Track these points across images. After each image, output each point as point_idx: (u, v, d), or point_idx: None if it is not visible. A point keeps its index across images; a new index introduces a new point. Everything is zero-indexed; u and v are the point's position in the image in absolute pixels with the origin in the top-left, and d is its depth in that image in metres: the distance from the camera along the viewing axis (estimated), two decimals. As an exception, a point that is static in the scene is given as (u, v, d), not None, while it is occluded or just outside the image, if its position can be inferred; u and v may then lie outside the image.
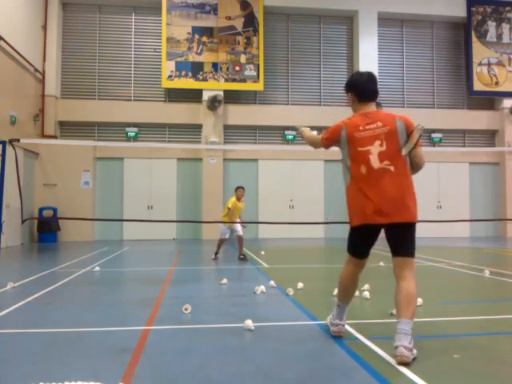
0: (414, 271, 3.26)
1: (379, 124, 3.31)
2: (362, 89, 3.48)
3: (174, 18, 16.55)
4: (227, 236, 9.33)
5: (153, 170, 16.57)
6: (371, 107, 3.47)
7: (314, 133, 3.82)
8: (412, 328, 3.06)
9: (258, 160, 17.02)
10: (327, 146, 3.60)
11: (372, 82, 3.51)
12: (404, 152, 3.26)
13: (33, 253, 11.96)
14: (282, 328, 4.00)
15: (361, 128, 3.33)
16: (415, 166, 3.37)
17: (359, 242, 3.44)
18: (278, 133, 17.34)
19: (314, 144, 3.72)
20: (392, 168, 3.22)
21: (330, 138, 3.51)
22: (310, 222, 14.85)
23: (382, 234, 3.38)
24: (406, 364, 2.93)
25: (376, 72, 17.43)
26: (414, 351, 3.03)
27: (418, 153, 3.31)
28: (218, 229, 9.84)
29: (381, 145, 3.25)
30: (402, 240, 3.27)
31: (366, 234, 3.37)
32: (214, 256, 9.42)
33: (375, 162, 3.24)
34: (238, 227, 9.29)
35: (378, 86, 3.58)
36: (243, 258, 9.15)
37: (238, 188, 9.40)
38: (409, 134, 3.28)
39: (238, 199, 9.28)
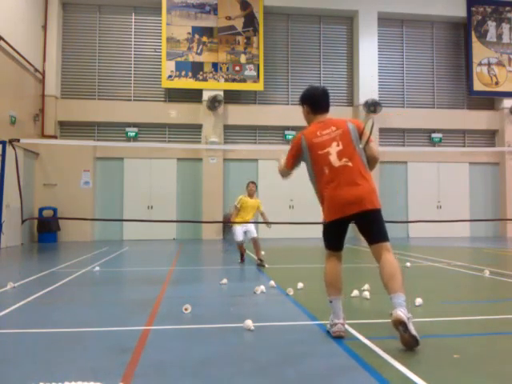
0: (390, 250, 3.52)
1: (333, 128, 3.69)
2: (316, 102, 3.89)
3: (173, 18, 16.55)
4: (241, 238, 8.44)
5: (153, 170, 16.56)
6: (324, 117, 3.85)
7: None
8: (405, 300, 3.24)
9: (258, 160, 17.02)
10: (292, 166, 3.87)
11: (325, 96, 3.92)
12: (361, 145, 3.63)
13: (33, 253, 11.96)
14: (282, 328, 4.00)
15: (318, 134, 3.70)
16: (372, 160, 3.70)
17: (334, 236, 3.72)
18: (278, 133, 17.34)
19: (282, 170, 3.99)
20: (350, 163, 3.56)
21: (293, 152, 3.83)
22: (310, 222, 14.83)
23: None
24: (401, 323, 3.09)
25: (376, 72, 17.47)
26: (413, 328, 3.17)
27: (371, 147, 3.67)
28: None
29: (337, 145, 3.61)
30: (373, 227, 3.56)
31: (339, 227, 3.66)
32: (239, 259, 8.74)
33: (335, 160, 3.58)
34: (251, 227, 8.52)
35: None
36: (260, 264, 8.22)
37: (248, 183, 8.82)
38: (360, 132, 3.66)
39: (250, 196, 8.65)
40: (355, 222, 3.61)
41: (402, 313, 3.15)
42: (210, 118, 16.59)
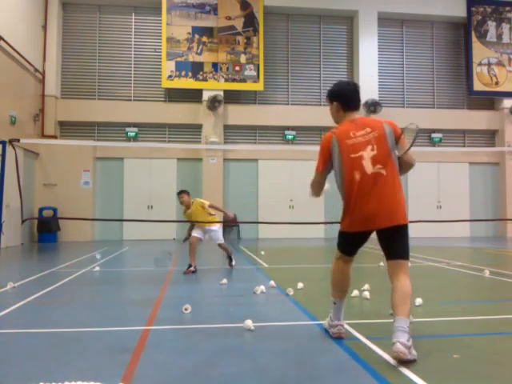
0: (408, 272, 3.30)
1: (368, 130, 3.34)
2: (348, 98, 3.53)
3: (173, 18, 16.55)
4: (195, 234, 7.71)
5: (153, 170, 16.56)
6: (356, 115, 3.52)
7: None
8: (409, 326, 3.05)
9: (258, 160, 17.01)
10: (323, 170, 3.48)
11: (358, 90, 3.58)
12: (401, 153, 3.31)
13: (33, 253, 11.96)
14: (282, 328, 4.00)
15: (351, 135, 3.34)
16: (406, 167, 3.41)
17: (351, 244, 3.50)
18: (278, 133, 17.33)
19: (313, 185, 3.61)
20: (384, 171, 3.25)
21: (324, 155, 3.45)
22: (310, 222, 14.84)
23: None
24: (402, 361, 2.92)
25: (376, 72, 17.46)
26: (414, 352, 3.01)
27: (409, 154, 3.36)
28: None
29: (372, 149, 3.27)
30: (395, 243, 3.30)
31: (357, 238, 3.44)
32: (186, 268, 7.53)
33: (368, 166, 3.25)
34: (215, 235, 7.76)
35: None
36: (229, 263, 7.98)
37: (177, 196, 7.92)
38: (397, 136, 3.32)
39: (187, 207, 7.80)
40: (378, 233, 3.34)
41: (402, 347, 2.90)
42: (210, 118, 16.59)
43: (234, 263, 8.00)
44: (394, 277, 3.28)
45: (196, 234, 7.71)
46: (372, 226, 3.29)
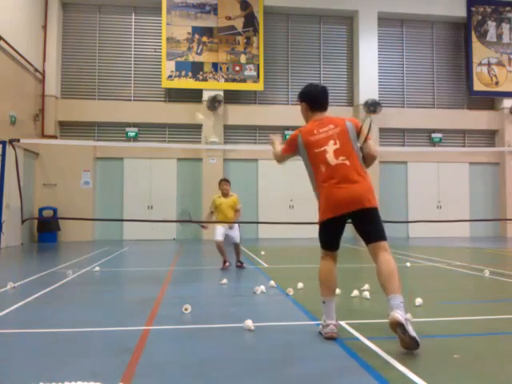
0: (388, 249, 3.48)
1: (331, 126, 3.67)
2: (315, 100, 3.89)
3: (173, 18, 16.55)
4: (220, 238, 7.87)
5: (153, 170, 16.56)
6: (323, 115, 3.84)
7: (279, 147, 4.19)
8: (402, 302, 3.19)
9: (258, 160, 17.02)
10: (285, 157, 4.04)
11: (325, 93, 3.92)
12: (359, 144, 3.62)
13: (33, 253, 11.96)
14: (282, 328, 3.99)
15: (315, 132, 3.68)
16: (369, 158, 3.67)
17: (330, 235, 3.68)
18: (277, 133, 17.28)
19: (277, 157, 4.17)
20: (347, 162, 3.53)
21: (288, 147, 3.91)
22: (310, 222, 14.83)
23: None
24: (398, 324, 3.04)
25: (376, 72, 17.47)
26: (411, 328, 3.10)
27: (369, 145, 3.64)
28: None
29: (335, 143, 3.59)
30: (370, 227, 3.52)
31: (334, 226, 3.63)
32: (222, 265, 7.89)
33: (332, 159, 3.55)
34: (234, 232, 8.01)
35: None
36: (239, 266, 8.06)
37: (220, 181, 8.14)
38: (358, 130, 3.65)
39: (224, 195, 7.98)
40: (352, 222, 3.58)
41: (398, 314, 3.09)
42: (210, 118, 16.59)
43: (245, 266, 8.12)
44: (375, 258, 3.47)
45: (220, 236, 7.85)
46: (342, 211, 3.50)
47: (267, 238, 16.52)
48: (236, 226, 8.12)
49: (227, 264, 7.83)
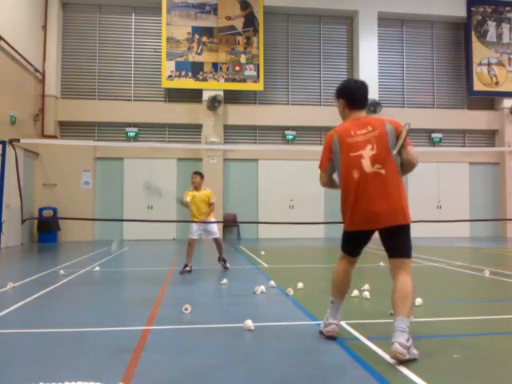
0: (410, 270, 3.31)
1: (369, 128, 3.35)
2: (354, 96, 3.52)
3: (173, 18, 16.55)
4: (194, 236, 7.59)
5: (153, 170, 16.55)
6: (361, 113, 3.53)
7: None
8: (409, 326, 3.05)
9: (258, 160, 17.02)
10: (327, 167, 3.54)
11: (364, 89, 3.55)
12: (394, 151, 3.30)
13: (33, 253, 11.96)
14: (282, 328, 3.99)
15: (352, 133, 3.36)
16: (408, 166, 3.37)
17: (354, 244, 3.53)
18: (277, 133, 17.33)
19: (320, 178, 3.67)
20: (383, 171, 3.26)
21: (327, 153, 3.51)
22: (310, 221, 14.85)
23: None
24: (400, 361, 2.91)
25: (376, 72, 17.46)
26: (414, 351, 3.02)
27: (408, 151, 3.35)
28: (218, 228, 8.39)
29: (372, 148, 3.28)
30: (396, 242, 3.33)
31: (359, 237, 3.46)
32: (182, 268, 7.45)
33: (367, 165, 3.27)
34: (212, 228, 7.64)
35: (378, 86, 3.67)
36: (223, 265, 7.80)
37: (192, 175, 7.82)
38: (397, 135, 3.33)
39: (195, 188, 7.68)
40: (379, 233, 3.38)
41: (400, 347, 2.90)
42: (210, 118, 16.59)
43: (228, 265, 7.86)
44: (394, 276, 3.30)
45: (194, 235, 7.61)
46: (372, 226, 3.31)
47: (267, 237, 16.52)
48: (211, 220, 7.70)
49: (187, 268, 7.39)
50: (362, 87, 3.54)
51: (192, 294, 5.59)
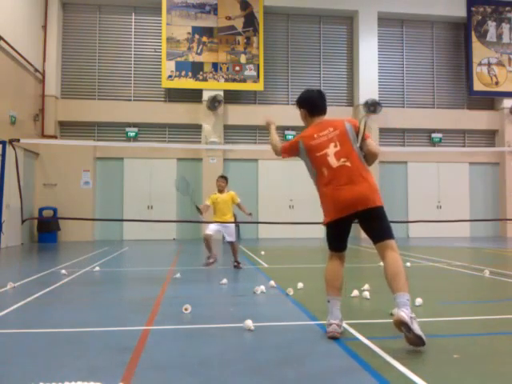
0: (395, 248, 3.49)
1: (330, 129, 3.72)
2: (314, 105, 3.93)
3: (173, 18, 16.55)
4: (210, 232, 7.73)
5: (153, 170, 16.56)
6: (322, 118, 3.90)
7: (277, 138, 4.27)
8: (409, 300, 3.23)
9: (258, 160, 17.02)
10: (285, 156, 4.04)
11: (323, 98, 3.96)
12: (357, 144, 3.63)
13: (33, 253, 11.96)
14: (282, 328, 3.99)
15: (315, 136, 3.72)
16: (370, 156, 3.66)
17: (336, 237, 3.72)
18: (278, 133, 17.16)
19: (275, 149, 4.16)
20: (348, 163, 3.57)
21: (289, 151, 3.97)
22: (310, 222, 14.84)
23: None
24: (402, 323, 3.07)
25: (376, 72, 17.47)
26: (418, 329, 3.14)
27: (368, 143, 3.65)
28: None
29: (335, 146, 3.63)
30: (375, 225, 3.54)
31: (340, 227, 3.67)
32: (205, 260, 7.77)
33: (333, 161, 3.60)
34: (230, 230, 7.87)
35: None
36: (236, 266, 8.01)
37: (217, 179, 8.23)
38: (357, 130, 3.67)
39: (220, 191, 8.00)
40: (358, 222, 3.61)
41: (403, 313, 3.12)
42: (210, 118, 16.59)
43: (241, 266, 8.05)
44: (382, 257, 3.50)
45: (210, 231, 7.77)
46: (349, 211, 3.53)
47: (267, 238, 16.52)
48: (231, 224, 7.94)
49: (211, 260, 7.56)
50: (321, 96, 3.96)
51: (192, 294, 5.59)
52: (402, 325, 3.12)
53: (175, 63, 16.48)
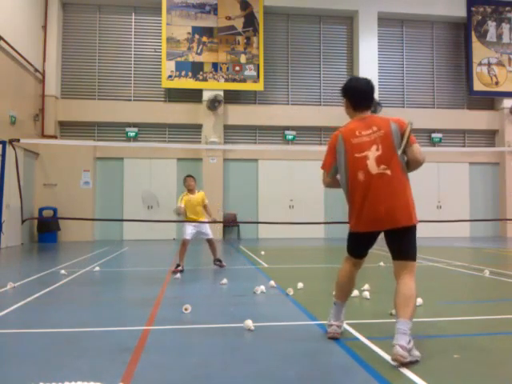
0: (413, 273, 3.26)
1: (374, 128, 3.31)
2: (355, 96, 3.46)
3: (173, 18, 16.55)
4: (188, 237, 7.71)
5: (153, 170, 16.56)
6: (366, 113, 3.47)
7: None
8: (410, 329, 3.04)
9: (258, 160, 17.02)
10: (330, 168, 3.49)
11: (368, 89, 3.46)
12: (399, 151, 3.25)
13: (33, 253, 11.96)
14: (282, 328, 4.00)
15: (357, 133, 3.33)
16: (414, 163, 3.31)
17: (358, 245, 3.52)
18: (278, 133, 17.33)
19: (323, 178, 3.59)
20: (388, 172, 3.22)
21: (330, 154, 3.47)
22: (310, 221, 14.84)
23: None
24: (401, 363, 2.90)
25: (376, 72, 17.45)
26: (416, 353, 3.01)
27: (413, 149, 3.26)
28: (216, 228, 8.47)
29: (377, 149, 3.24)
30: (401, 244, 3.27)
31: (364, 238, 3.44)
32: (174, 268, 7.54)
33: (373, 167, 3.24)
34: (205, 229, 7.85)
35: (378, 86, 3.64)
36: (219, 264, 7.99)
37: (185, 178, 8.03)
38: (402, 133, 3.27)
39: (190, 191, 7.88)
40: (384, 234, 3.35)
41: (401, 349, 2.88)
42: (210, 118, 16.59)
43: (224, 263, 8.03)
44: (397, 278, 3.27)
45: (188, 235, 7.74)
46: (377, 228, 3.30)
47: (267, 237, 16.51)
48: (205, 221, 7.89)
49: (179, 268, 7.45)
50: (367, 87, 3.45)
51: (192, 294, 5.59)
52: (399, 363, 2.90)
53: (175, 63, 16.47)
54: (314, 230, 16.85)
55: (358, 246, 3.50)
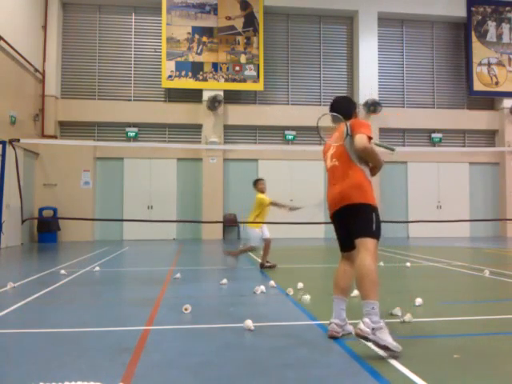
0: (370, 251, 3.34)
1: (336, 134, 3.82)
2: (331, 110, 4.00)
3: (173, 18, 16.55)
4: (257, 243, 8.01)
5: (153, 170, 16.56)
6: (339, 124, 3.86)
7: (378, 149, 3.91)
8: (374, 308, 3.16)
9: (258, 160, 17.02)
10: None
11: (334, 104, 3.96)
12: (342, 142, 3.67)
13: (33, 253, 11.95)
14: (282, 328, 4.00)
15: (328, 141, 3.93)
16: (358, 152, 3.55)
17: (337, 234, 3.80)
18: (278, 133, 17.33)
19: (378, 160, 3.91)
20: (337, 163, 3.71)
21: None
22: (309, 222, 14.83)
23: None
24: (360, 336, 3.11)
25: (376, 72, 17.47)
26: (393, 343, 3.07)
27: (355, 138, 3.52)
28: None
29: (333, 148, 3.80)
30: (355, 222, 3.51)
31: (335, 224, 3.78)
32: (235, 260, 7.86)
33: (329, 162, 3.82)
34: (266, 229, 8.27)
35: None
36: (269, 266, 8.00)
37: (258, 181, 8.54)
38: (352, 129, 3.67)
39: (262, 193, 8.39)
40: (346, 218, 3.64)
41: (361, 327, 3.11)
42: (210, 118, 16.59)
43: (273, 263, 8.11)
44: (355, 259, 3.46)
45: (256, 242, 8.02)
46: (335, 207, 3.67)
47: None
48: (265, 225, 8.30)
49: (272, 264, 7.88)
50: (334, 103, 3.98)
51: (192, 294, 5.59)
52: (359, 337, 3.14)
53: (175, 63, 16.48)
54: (314, 229, 16.84)
55: (337, 234, 3.77)
